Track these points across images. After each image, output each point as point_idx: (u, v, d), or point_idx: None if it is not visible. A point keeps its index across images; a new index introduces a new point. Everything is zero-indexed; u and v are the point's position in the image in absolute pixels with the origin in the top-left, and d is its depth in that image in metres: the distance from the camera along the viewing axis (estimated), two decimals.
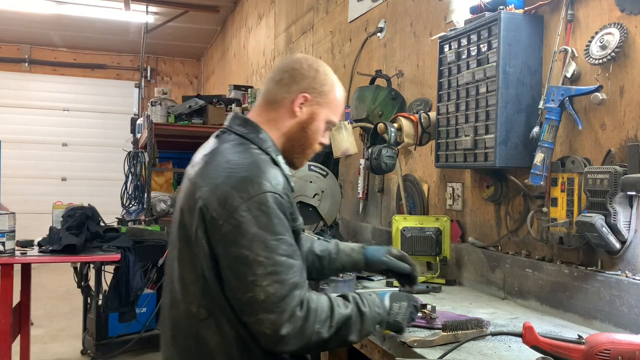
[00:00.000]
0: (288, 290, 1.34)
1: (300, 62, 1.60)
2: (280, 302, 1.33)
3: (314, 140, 1.60)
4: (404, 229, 2.49)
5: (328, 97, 1.58)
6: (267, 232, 1.35)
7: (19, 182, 9.86)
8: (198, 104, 5.80)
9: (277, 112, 1.57)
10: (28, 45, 10.55)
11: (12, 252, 3.45)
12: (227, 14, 8.65)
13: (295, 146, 1.59)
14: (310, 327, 1.36)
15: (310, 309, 1.37)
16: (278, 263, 1.35)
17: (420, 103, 2.76)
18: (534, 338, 1.33)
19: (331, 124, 1.62)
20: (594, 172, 1.75)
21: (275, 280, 1.33)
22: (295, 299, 1.35)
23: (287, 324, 1.33)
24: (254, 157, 1.46)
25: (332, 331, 1.40)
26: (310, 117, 1.57)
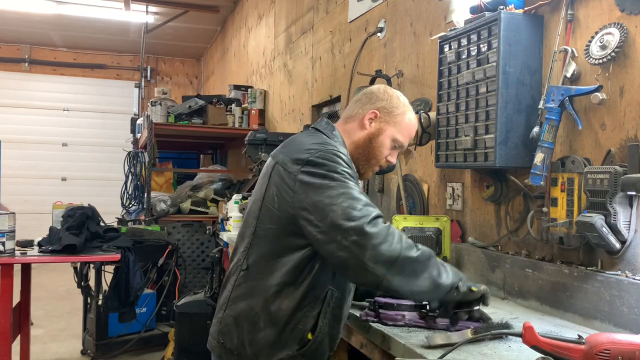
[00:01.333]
0: (362, 206, 1.50)
1: (379, 88, 1.88)
2: (359, 211, 1.48)
3: (379, 152, 1.81)
4: (404, 229, 2.49)
5: (397, 118, 1.82)
6: (336, 169, 1.57)
7: (19, 182, 9.86)
8: (198, 104, 5.81)
9: (352, 124, 1.83)
10: (28, 45, 10.55)
11: (12, 252, 3.45)
12: (227, 14, 8.65)
13: (361, 154, 1.80)
14: (397, 242, 1.47)
15: (391, 228, 1.49)
16: (347, 186, 1.54)
17: (420, 103, 2.76)
18: (534, 338, 1.33)
19: (397, 143, 1.83)
20: (594, 172, 1.75)
21: (349, 198, 1.50)
22: (373, 212, 1.50)
23: (372, 226, 1.46)
24: (323, 139, 1.71)
25: (420, 256, 1.49)
26: (377, 131, 1.80)
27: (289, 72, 5.44)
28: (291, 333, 1.62)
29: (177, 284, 4.85)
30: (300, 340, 1.62)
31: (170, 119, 5.74)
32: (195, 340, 3.67)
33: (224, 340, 1.69)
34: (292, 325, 1.62)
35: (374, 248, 1.45)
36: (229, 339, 1.67)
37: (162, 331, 4.86)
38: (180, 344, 3.79)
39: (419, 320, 1.74)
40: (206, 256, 5.23)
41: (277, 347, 1.61)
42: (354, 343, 2.03)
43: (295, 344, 1.62)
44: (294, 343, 1.62)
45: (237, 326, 1.66)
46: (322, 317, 1.65)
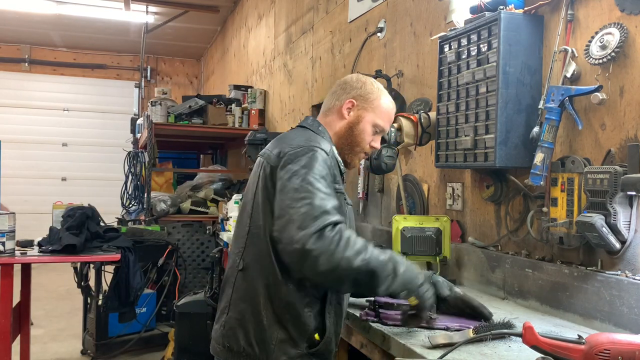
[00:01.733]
0: (319, 213, 1.50)
1: (352, 77, 1.91)
2: (311, 221, 1.49)
3: (361, 139, 1.83)
4: (404, 229, 2.49)
5: (373, 103, 1.84)
6: (308, 170, 1.58)
7: (19, 182, 9.86)
8: (198, 104, 5.81)
9: (331, 117, 1.86)
10: (28, 45, 10.55)
11: (12, 252, 3.45)
12: (227, 14, 8.65)
13: (345, 144, 1.83)
14: (340, 252, 1.48)
15: (343, 236, 1.50)
16: (312, 191, 1.54)
17: (420, 103, 2.76)
18: (534, 338, 1.33)
19: (378, 128, 1.85)
20: (594, 172, 1.75)
21: (308, 203, 1.51)
22: (327, 221, 1.49)
23: (315, 239, 1.47)
24: (309, 135, 1.74)
25: (363, 264, 1.49)
26: (356, 119, 1.83)
27: (289, 72, 5.44)
28: (298, 331, 1.62)
29: (177, 284, 4.85)
30: (308, 339, 1.63)
31: (170, 119, 5.74)
32: (195, 340, 3.66)
33: (230, 344, 1.68)
34: (298, 323, 1.62)
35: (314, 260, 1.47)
36: (234, 341, 1.66)
37: (162, 331, 4.86)
38: (180, 344, 3.78)
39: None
40: (206, 256, 5.23)
41: (287, 346, 1.61)
42: (354, 343, 2.03)
43: (304, 343, 1.63)
44: (303, 342, 1.63)
45: (242, 328, 1.65)
46: (328, 316, 1.66)
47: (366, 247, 1.53)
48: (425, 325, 1.73)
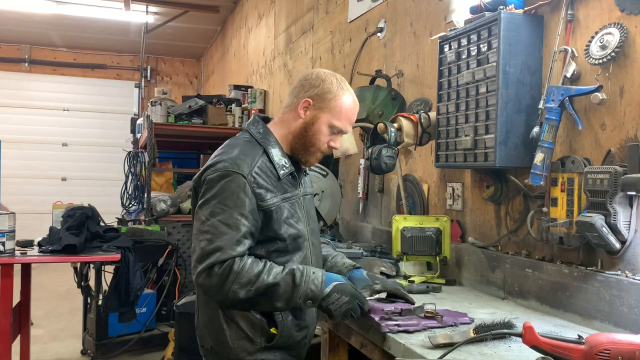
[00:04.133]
0: (212, 250, 1.61)
1: (312, 73, 1.84)
2: (205, 257, 1.61)
3: (316, 140, 1.79)
4: (404, 229, 2.49)
5: (330, 103, 1.78)
6: (216, 200, 1.65)
7: (19, 182, 9.86)
8: (198, 104, 5.80)
9: (290, 114, 1.83)
10: (28, 45, 10.55)
11: (12, 252, 3.45)
12: (227, 14, 8.65)
13: (298, 143, 1.81)
14: (228, 286, 1.60)
15: (232, 271, 1.60)
16: (213, 225, 1.63)
17: (420, 103, 2.76)
18: (534, 338, 1.33)
19: (335, 129, 1.80)
20: (594, 172, 1.75)
21: (207, 239, 1.62)
22: (214, 258, 1.60)
23: (204, 276, 1.61)
24: (238, 146, 1.75)
25: (251, 294, 1.61)
26: (312, 119, 1.79)
27: (289, 72, 5.44)
28: (251, 328, 1.71)
29: (177, 284, 4.84)
30: (264, 334, 1.72)
31: (170, 119, 5.74)
32: (195, 340, 3.65)
33: (202, 344, 1.83)
34: (248, 322, 1.71)
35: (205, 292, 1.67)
36: (205, 341, 1.81)
37: (162, 331, 4.86)
38: (180, 344, 3.78)
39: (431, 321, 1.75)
40: None
41: (244, 342, 1.72)
42: (354, 343, 2.03)
43: (260, 338, 1.72)
44: (259, 337, 1.72)
45: (207, 329, 1.79)
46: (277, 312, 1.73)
47: (258, 275, 1.61)
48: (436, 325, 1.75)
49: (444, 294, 2.29)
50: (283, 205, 1.74)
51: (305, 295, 1.64)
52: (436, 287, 2.31)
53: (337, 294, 1.65)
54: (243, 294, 1.61)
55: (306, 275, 1.66)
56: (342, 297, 1.65)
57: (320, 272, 1.70)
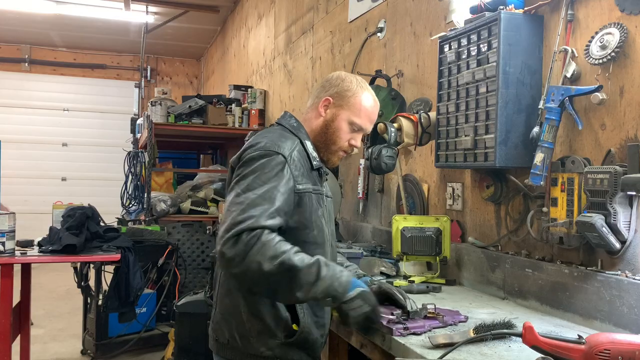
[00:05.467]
0: (243, 218, 1.55)
1: (333, 75, 1.88)
2: (234, 225, 1.54)
3: (337, 137, 1.82)
4: (404, 229, 2.49)
5: (350, 100, 1.81)
6: (254, 175, 1.63)
7: (19, 182, 9.85)
8: (198, 104, 5.80)
9: (311, 113, 1.87)
10: (28, 45, 10.55)
11: (12, 252, 3.45)
12: (227, 14, 8.65)
13: (320, 141, 1.83)
14: (252, 256, 1.51)
15: (259, 241, 1.53)
16: (248, 198, 1.59)
17: (420, 103, 2.76)
18: (534, 338, 1.33)
19: (356, 126, 1.82)
20: (594, 172, 1.75)
21: (240, 209, 1.57)
22: (245, 225, 1.53)
23: (231, 244, 1.52)
24: (277, 133, 1.77)
25: (275, 268, 1.51)
26: (332, 117, 1.82)
27: (289, 72, 5.44)
28: (275, 323, 1.69)
29: (177, 284, 4.84)
30: (285, 329, 1.70)
31: (170, 119, 5.74)
32: (195, 340, 3.66)
33: (217, 337, 1.79)
34: (273, 316, 1.69)
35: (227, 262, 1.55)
36: (221, 334, 1.77)
37: (162, 331, 4.86)
38: (180, 344, 3.78)
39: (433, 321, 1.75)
40: (206, 256, 5.22)
41: (265, 337, 1.69)
42: (354, 343, 2.03)
43: (281, 333, 1.69)
44: (280, 332, 1.69)
45: (226, 322, 1.75)
46: (299, 306, 1.71)
47: (285, 252, 1.54)
48: (439, 326, 1.75)
49: (444, 294, 2.29)
50: (313, 196, 1.74)
51: (327, 292, 1.55)
52: (436, 287, 2.32)
53: (361, 300, 1.57)
54: (266, 267, 1.51)
55: (332, 271, 1.58)
56: (365, 306, 1.58)
57: (348, 273, 1.63)
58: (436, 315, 1.77)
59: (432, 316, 1.77)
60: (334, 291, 1.56)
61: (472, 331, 1.59)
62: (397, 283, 2.37)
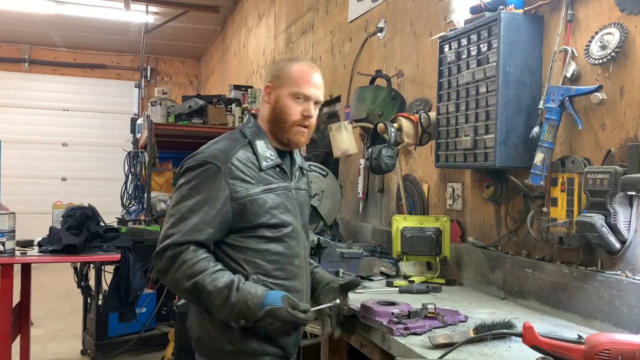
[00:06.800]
0: (170, 233, 1.66)
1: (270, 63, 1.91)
2: (163, 239, 1.67)
3: (286, 114, 1.81)
4: (404, 229, 2.49)
5: (283, 76, 1.83)
6: (188, 187, 1.71)
7: (19, 182, 9.85)
8: (198, 104, 5.80)
9: (262, 107, 1.90)
10: (28, 45, 10.55)
11: (12, 252, 3.44)
12: (227, 14, 8.65)
13: (275, 127, 1.84)
14: (173, 272, 1.64)
15: (180, 258, 1.63)
16: (179, 210, 1.69)
17: (420, 103, 2.76)
18: (534, 338, 1.33)
19: (298, 95, 1.82)
20: (594, 172, 1.75)
21: (171, 222, 1.68)
22: (170, 241, 1.65)
23: (157, 257, 1.67)
24: (222, 139, 1.81)
25: (189, 288, 1.62)
26: (276, 99, 1.83)
27: None
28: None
29: None
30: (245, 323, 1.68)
31: (170, 119, 5.73)
32: None
33: (191, 334, 1.84)
34: None
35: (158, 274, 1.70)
36: (192, 331, 1.82)
37: (162, 331, 4.85)
38: (180, 344, 3.78)
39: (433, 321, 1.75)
40: None
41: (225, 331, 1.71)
42: (354, 343, 2.03)
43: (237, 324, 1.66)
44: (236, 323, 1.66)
45: (195, 318, 1.80)
46: None
47: (202, 272, 1.61)
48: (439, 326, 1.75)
49: (444, 294, 2.28)
50: (266, 196, 1.75)
51: (237, 315, 1.60)
52: (436, 287, 2.31)
53: (270, 318, 1.59)
54: (184, 286, 1.63)
55: (242, 294, 1.61)
56: (275, 322, 1.60)
57: (260, 291, 1.63)
58: (436, 315, 1.78)
59: (432, 316, 1.77)
60: (243, 314, 1.60)
61: (472, 331, 1.59)
62: (397, 283, 2.37)
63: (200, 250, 1.66)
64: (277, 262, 1.76)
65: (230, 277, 1.64)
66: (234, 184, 1.70)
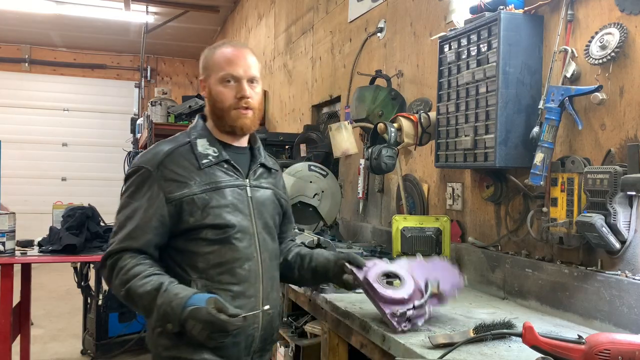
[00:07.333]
0: (111, 242, 1.69)
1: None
2: (107, 248, 1.69)
3: (220, 100, 1.76)
4: (404, 229, 2.49)
5: (209, 66, 1.81)
6: (125, 195, 1.72)
7: (19, 182, 9.85)
8: (198, 104, 5.81)
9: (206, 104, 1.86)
10: (28, 45, 10.54)
11: (12, 252, 3.45)
12: (227, 14, 8.65)
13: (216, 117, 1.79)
14: (112, 280, 1.66)
15: (117, 266, 1.64)
16: (118, 219, 1.71)
17: (420, 103, 2.76)
18: (534, 338, 1.33)
19: (226, 77, 1.76)
20: (594, 172, 1.75)
21: (113, 231, 1.71)
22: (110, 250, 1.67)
23: (101, 267, 1.70)
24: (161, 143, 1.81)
25: (124, 295, 1.61)
26: (209, 89, 1.80)
27: (289, 72, 5.44)
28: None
29: None
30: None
31: (170, 119, 5.75)
32: None
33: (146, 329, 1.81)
34: None
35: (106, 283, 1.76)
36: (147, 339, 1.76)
37: None
38: None
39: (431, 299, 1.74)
40: None
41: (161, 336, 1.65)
42: (354, 343, 2.03)
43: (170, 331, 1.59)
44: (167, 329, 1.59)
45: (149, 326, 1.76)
46: None
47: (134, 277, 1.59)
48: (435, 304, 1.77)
49: None
50: (207, 195, 1.68)
51: (163, 319, 1.54)
52: None
53: (192, 320, 1.49)
54: (120, 293, 1.62)
55: (167, 297, 1.54)
56: (197, 325, 1.49)
57: (187, 292, 1.55)
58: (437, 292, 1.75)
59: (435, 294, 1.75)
60: (167, 316, 1.53)
61: (472, 331, 1.59)
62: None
63: (139, 257, 1.63)
64: (222, 266, 1.67)
65: (160, 279, 1.59)
66: (167, 185, 1.67)
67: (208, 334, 1.49)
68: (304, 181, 3.33)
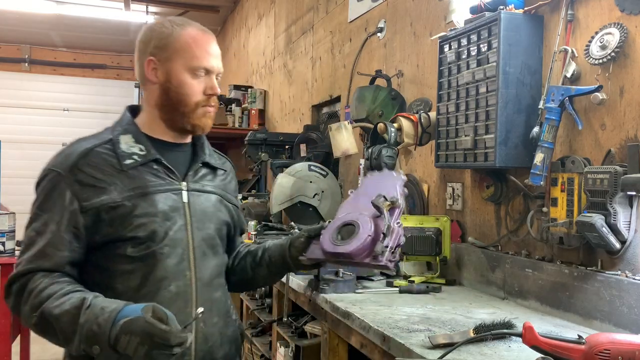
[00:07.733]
0: (17, 263, 1.44)
1: (141, 32, 1.54)
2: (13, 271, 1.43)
3: (184, 95, 1.48)
4: (404, 229, 2.49)
5: (171, 46, 1.47)
6: (35, 205, 1.46)
7: (19, 182, 9.82)
8: None
9: (145, 89, 1.54)
10: (28, 45, 10.54)
11: (12, 252, 3.45)
12: (227, 14, 8.65)
13: (169, 112, 1.51)
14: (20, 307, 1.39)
15: (25, 290, 1.38)
16: (27, 235, 1.45)
17: (420, 103, 2.76)
18: (534, 338, 1.33)
19: (199, 70, 1.48)
20: (594, 172, 1.75)
21: (21, 250, 1.47)
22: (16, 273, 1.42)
23: (7, 294, 1.42)
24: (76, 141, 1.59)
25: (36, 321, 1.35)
26: (166, 77, 1.48)
27: (289, 72, 5.44)
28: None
29: None
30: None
31: None
32: None
33: None
34: None
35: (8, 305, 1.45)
36: None
37: None
38: None
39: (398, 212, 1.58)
40: None
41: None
42: (353, 343, 2.03)
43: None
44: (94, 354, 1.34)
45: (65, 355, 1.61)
46: None
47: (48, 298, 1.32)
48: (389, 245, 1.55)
49: (444, 294, 2.29)
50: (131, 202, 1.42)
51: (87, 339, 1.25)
52: (436, 287, 2.31)
53: (126, 335, 1.21)
54: (31, 321, 1.35)
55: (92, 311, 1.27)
56: (133, 339, 1.21)
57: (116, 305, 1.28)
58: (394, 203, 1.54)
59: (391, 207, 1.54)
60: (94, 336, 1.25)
61: (472, 331, 1.59)
62: (397, 283, 2.37)
63: (54, 274, 1.38)
64: (144, 287, 1.42)
65: (83, 295, 1.32)
66: (83, 192, 1.41)
67: (146, 350, 1.21)
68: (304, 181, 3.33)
